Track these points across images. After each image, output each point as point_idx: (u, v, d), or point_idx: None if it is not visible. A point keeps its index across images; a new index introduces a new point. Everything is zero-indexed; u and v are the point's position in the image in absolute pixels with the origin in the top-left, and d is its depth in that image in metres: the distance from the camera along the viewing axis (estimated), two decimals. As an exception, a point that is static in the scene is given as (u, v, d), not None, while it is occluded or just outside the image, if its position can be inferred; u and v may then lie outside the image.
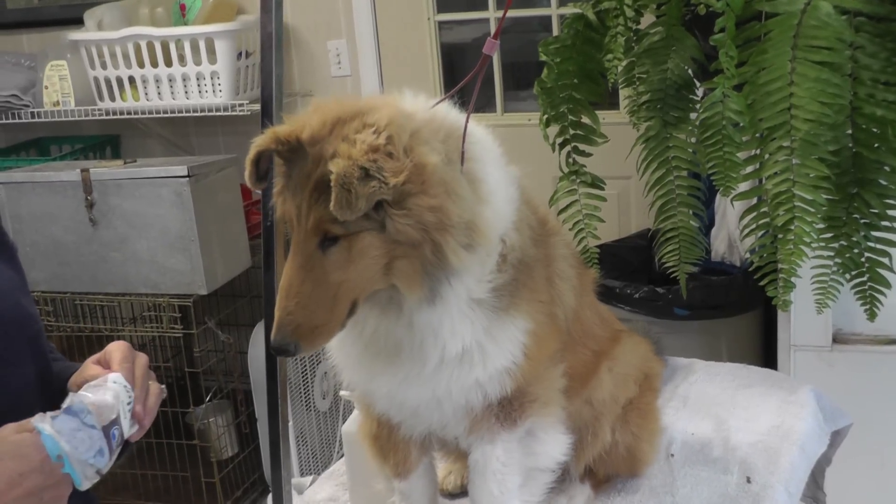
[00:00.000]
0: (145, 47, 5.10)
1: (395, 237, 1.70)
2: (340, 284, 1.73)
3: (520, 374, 1.95)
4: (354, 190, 1.63)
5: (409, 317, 1.83)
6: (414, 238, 1.69)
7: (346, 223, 1.68)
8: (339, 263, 1.72)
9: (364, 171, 1.64)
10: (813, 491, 2.81)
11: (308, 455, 4.75)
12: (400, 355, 1.90)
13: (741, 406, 2.77)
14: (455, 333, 1.86)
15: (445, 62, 5.41)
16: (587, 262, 2.31)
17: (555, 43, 2.20)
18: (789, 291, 1.93)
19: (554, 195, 2.25)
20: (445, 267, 1.74)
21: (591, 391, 2.23)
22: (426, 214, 1.68)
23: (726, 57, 1.78)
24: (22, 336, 1.93)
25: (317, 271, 1.72)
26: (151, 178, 4.68)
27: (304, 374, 4.79)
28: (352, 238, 1.71)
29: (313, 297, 1.73)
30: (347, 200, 1.63)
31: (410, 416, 2.04)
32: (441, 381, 1.91)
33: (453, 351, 1.88)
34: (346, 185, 1.63)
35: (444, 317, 1.84)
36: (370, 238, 1.71)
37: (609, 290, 4.32)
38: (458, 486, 2.41)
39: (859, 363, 3.75)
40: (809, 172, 1.74)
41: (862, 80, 1.72)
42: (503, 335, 1.91)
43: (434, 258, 1.72)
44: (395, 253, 1.72)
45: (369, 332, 1.89)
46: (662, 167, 2.09)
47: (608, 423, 2.27)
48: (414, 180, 1.68)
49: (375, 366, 1.94)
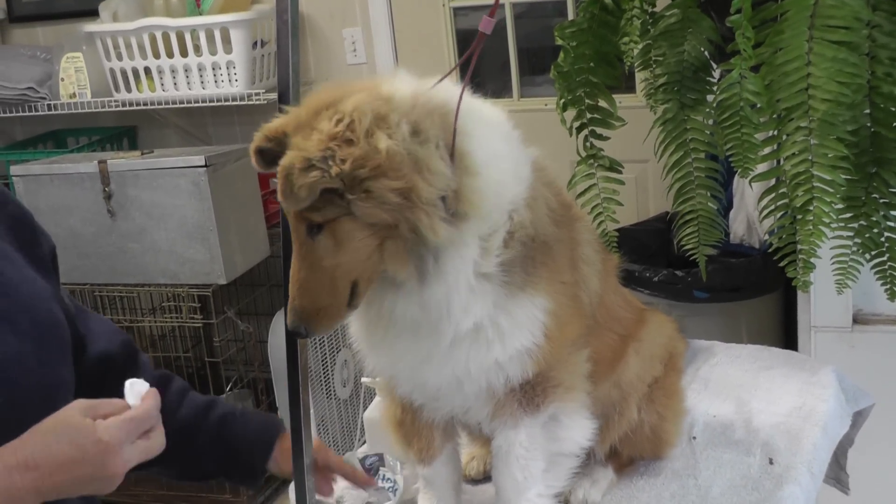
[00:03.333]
0: (161, 38, 5.10)
1: (366, 220, 1.72)
2: (334, 268, 1.77)
3: (541, 356, 1.94)
4: (294, 181, 1.67)
5: (419, 295, 1.84)
6: (384, 219, 1.71)
7: (321, 210, 1.72)
8: (328, 249, 1.76)
9: (307, 161, 1.67)
10: (835, 472, 2.81)
11: (329, 443, 4.76)
12: (418, 334, 1.90)
13: (763, 388, 2.76)
14: (466, 309, 1.86)
15: (461, 48, 5.39)
16: (607, 246, 2.31)
17: (571, 27, 2.20)
18: (809, 272, 1.93)
19: (572, 179, 2.25)
20: (426, 243, 1.76)
21: (619, 374, 2.23)
22: (389, 196, 1.69)
23: (743, 38, 1.77)
24: (55, 339, 1.96)
25: (310, 258, 1.77)
26: (169, 169, 4.68)
27: (325, 363, 4.80)
28: (333, 224, 1.74)
29: (311, 283, 1.78)
30: (289, 191, 1.68)
31: (432, 398, 2.04)
32: (459, 359, 1.91)
33: (465, 326, 1.88)
34: (287, 175, 1.68)
35: (451, 293, 1.84)
36: (350, 223, 1.73)
37: (628, 274, 4.29)
38: (481, 472, 2.41)
39: (880, 343, 3.74)
40: (828, 152, 1.74)
41: (879, 59, 1.72)
42: (521, 313, 1.91)
43: (413, 236, 1.74)
44: (382, 234, 1.74)
45: (388, 313, 1.90)
46: (680, 150, 2.09)
47: (634, 402, 2.27)
48: (367, 165, 1.69)
49: (397, 347, 1.95)
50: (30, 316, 1.90)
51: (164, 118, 5.83)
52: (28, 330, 1.88)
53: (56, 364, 1.95)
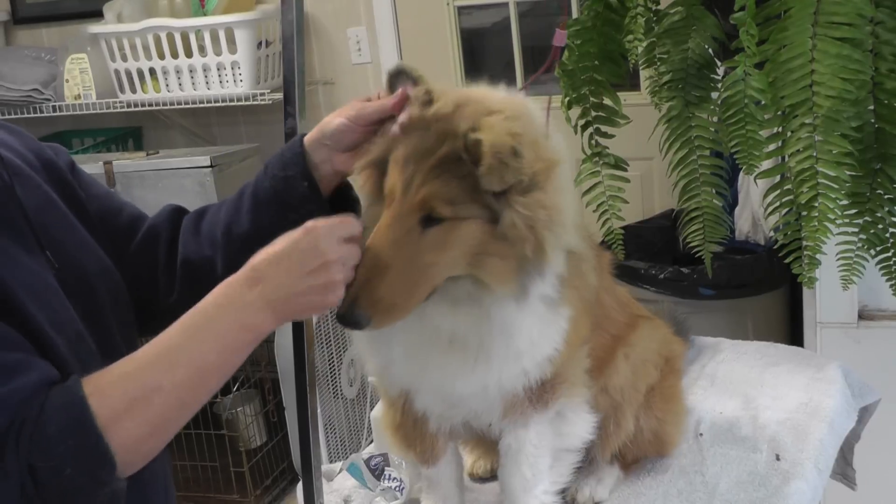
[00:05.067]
0: (165, 39, 5.10)
1: (504, 229, 1.69)
2: (431, 266, 1.72)
3: (559, 359, 1.95)
4: (507, 161, 1.63)
5: (488, 311, 1.81)
6: (522, 234, 1.69)
7: (457, 206, 1.69)
8: (435, 245, 1.71)
9: (514, 149, 1.64)
10: (842, 467, 2.81)
11: (336, 442, 4.75)
12: (458, 349, 1.87)
13: (769, 384, 2.76)
14: (524, 328, 1.85)
15: (465, 47, 5.39)
16: (612, 244, 2.31)
17: (575, 25, 2.20)
18: (814, 268, 1.93)
19: (577, 177, 2.25)
20: (541, 266, 1.75)
21: (607, 378, 2.21)
22: (539, 211, 1.69)
23: (747, 35, 1.78)
24: (104, 287, 1.96)
25: (410, 248, 1.71)
26: (175, 170, 4.69)
27: (332, 362, 4.79)
28: (456, 223, 1.70)
29: (401, 274, 1.71)
30: (500, 170, 1.63)
31: (450, 406, 2.03)
32: (492, 371, 1.90)
33: (520, 345, 1.87)
34: (498, 154, 1.63)
35: (523, 314, 1.82)
36: (474, 226, 1.71)
37: (634, 272, 4.32)
38: (487, 471, 2.41)
39: (886, 339, 3.74)
40: (832, 149, 1.74)
41: (883, 56, 1.72)
42: (552, 325, 1.92)
43: (533, 256, 1.72)
44: (490, 249, 1.72)
45: (432, 326, 1.86)
46: (685, 147, 2.09)
47: (631, 412, 2.26)
48: (543, 173, 1.69)
49: (430, 359, 1.91)
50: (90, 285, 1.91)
51: (170, 119, 5.84)
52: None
53: (103, 312, 1.95)
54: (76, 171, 2.08)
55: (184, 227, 2.10)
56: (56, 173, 2.01)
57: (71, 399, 1.56)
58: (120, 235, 2.09)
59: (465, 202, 1.69)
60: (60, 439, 1.53)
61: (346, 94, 1.82)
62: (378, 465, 2.43)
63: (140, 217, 2.14)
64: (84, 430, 1.54)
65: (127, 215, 2.13)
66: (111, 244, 2.05)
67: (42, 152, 2.02)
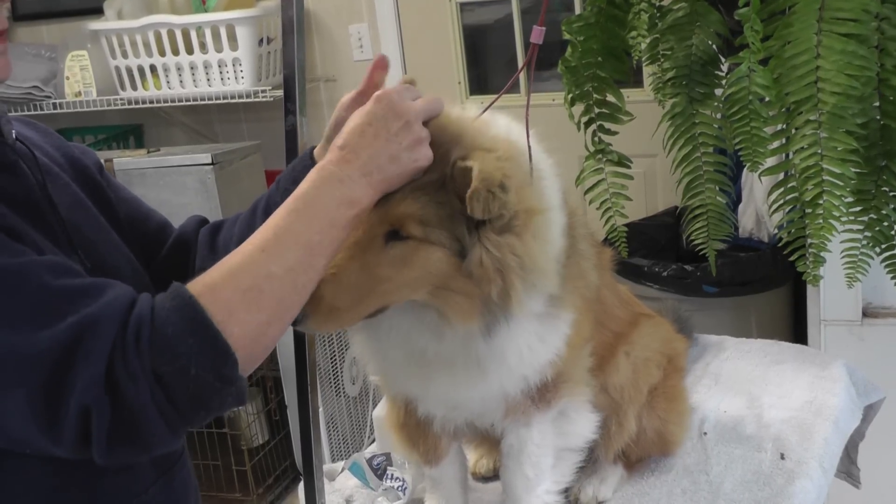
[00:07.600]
0: (166, 35, 5.09)
1: (470, 266, 1.68)
2: (385, 281, 1.70)
3: (561, 361, 1.95)
4: (494, 191, 1.62)
5: (472, 336, 1.79)
6: (488, 275, 1.68)
7: (427, 228, 1.68)
8: (395, 261, 1.69)
9: (504, 183, 1.64)
10: (847, 466, 2.80)
11: (339, 441, 4.76)
12: (450, 367, 1.86)
13: (773, 382, 2.76)
14: (513, 347, 1.85)
15: (468, 44, 5.39)
16: (615, 241, 2.30)
17: (578, 21, 2.19)
18: (819, 266, 1.92)
19: (580, 174, 2.24)
20: (506, 310, 1.73)
21: (606, 376, 2.21)
22: (509, 256, 1.67)
23: (751, 31, 1.76)
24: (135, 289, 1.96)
25: (369, 257, 1.69)
26: (176, 167, 4.68)
27: (334, 360, 4.80)
28: (422, 244, 1.69)
29: (351, 280, 1.68)
30: (486, 198, 1.62)
31: (452, 409, 2.03)
32: (493, 380, 1.89)
33: (512, 362, 1.87)
34: (487, 182, 1.62)
35: (512, 334, 1.81)
36: (440, 254, 1.70)
37: (637, 269, 4.31)
38: (490, 470, 2.41)
39: (890, 336, 3.74)
40: (837, 146, 1.72)
41: (889, 52, 1.71)
42: (553, 333, 1.91)
43: (499, 300, 1.70)
44: (453, 285, 1.71)
45: (418, 348, 1.85)
46: (689, 144, 2.08)
47: (633, 413, 2.26)
48: (522, 218, 1.68)
49: (426, 374, 1.90)
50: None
51: (171, 116, 5.84)
52: None
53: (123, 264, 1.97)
54: (104, 172, 2.08)
55: (200, 241, 2.13)
56: (84, 174, 2.02)
57: (181, 301, 1.54)
58: (150, 241, 2.12)
59: (437, 228, 1.68)
60: (181, 339, 1.50)
61: (348, 90, 1.82)
62: (380, 465, 2.42)
63: (167, 224, 2.18)
64: (202, 328, 1.52)
65: (155, 223, 2.17)
66: (140, 249, 2.07)
67: (69, 152, 2.04)
